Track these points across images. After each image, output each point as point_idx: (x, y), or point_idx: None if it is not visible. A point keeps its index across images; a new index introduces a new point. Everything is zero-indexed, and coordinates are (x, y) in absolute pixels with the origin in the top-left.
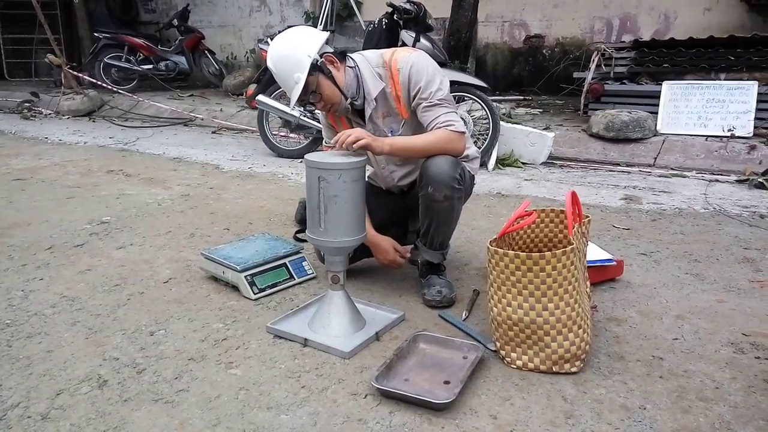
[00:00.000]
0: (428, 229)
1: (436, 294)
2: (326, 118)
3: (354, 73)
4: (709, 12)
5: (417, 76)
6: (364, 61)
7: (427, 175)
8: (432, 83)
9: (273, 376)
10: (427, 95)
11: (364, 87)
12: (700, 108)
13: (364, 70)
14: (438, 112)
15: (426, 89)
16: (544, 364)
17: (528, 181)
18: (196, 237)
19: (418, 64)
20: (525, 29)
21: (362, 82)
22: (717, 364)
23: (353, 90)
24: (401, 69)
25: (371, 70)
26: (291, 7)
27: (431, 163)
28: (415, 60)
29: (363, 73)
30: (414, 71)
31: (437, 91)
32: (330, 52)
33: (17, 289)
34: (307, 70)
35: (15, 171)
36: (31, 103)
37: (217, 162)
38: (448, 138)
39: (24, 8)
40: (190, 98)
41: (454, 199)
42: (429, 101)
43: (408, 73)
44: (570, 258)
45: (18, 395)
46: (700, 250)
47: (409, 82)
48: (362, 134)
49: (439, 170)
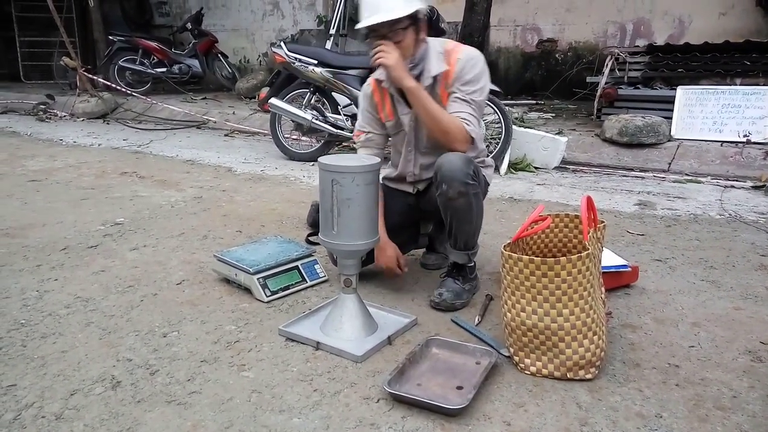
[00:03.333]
0: (451, 229)
1: (437, 296)
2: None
3: (423, 48)
4: (724, 16)
5: (469, 70)
6: (431, 43)
7: (441, 173)
8: (476, 83)
9: (285, 379)
10: (465, 89)
11: (425, 64)
12: (715, 113)
13: (431, 51)
14: (464, 108)
15: (468, 84)
16: (559, 370)
17: (541, 186)
18: (209, 239)
19: (476, 60)
20: (537, 33)
21: (426, 59)
22: (734, 373)
23: (420, 60)
24: (460, 59)
25: (437, 53)
26: (303, 10)
27: (444, 161)
28: (475, 55)
29: (430, 53)
30: (470, 65)
31: (475, 92)
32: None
33: (32, 290)
34: (409, 13)
35: (30, 172)
36: (46, 106)
37: (229, 165)
38: (458, 131)
39: (40, 12)
40: (203, 101)
41: (470, 195)
42: (463, 94)
43: (464, 65)
44: (585, 264)
45: (32, 395)
46: (716, 257)
47: (461, 71)
48: (395, 59)
49: (451, 167)
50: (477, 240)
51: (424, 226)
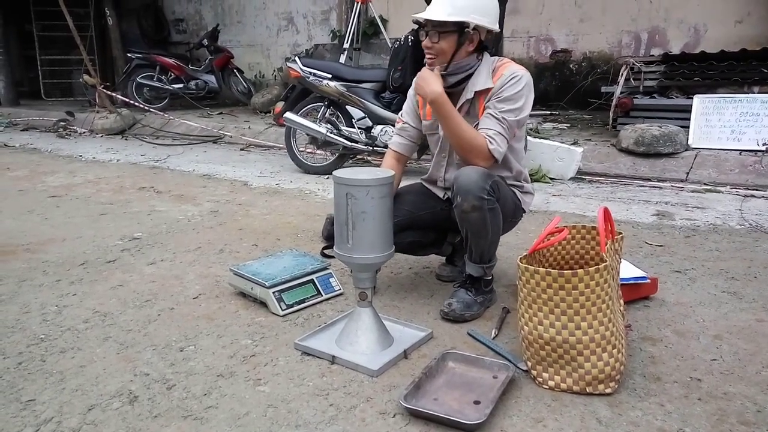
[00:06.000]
0: (466, 241)
1: (446, 306)
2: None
3: (473, 62)
4: (740, 24)
5: (509, 87)
6: (487, 60)
7: (456, 185)
8: (513, 102)
9: (301, 393)
10: (500, 106)
11: (471, 78)
12: (733, 122)
13: (483, 66)
14: (493, 126)
15: (504, 101)
16: (578, 384)
17: (556, 197)
18: (225, 253)
19: (518, 79)
20: (551, 44)
21: (474, 73)
22: (758, 386)
23: (459, 70)
24: (504, 75)
25: (487, 69)
26: (318, 25)
27: (461, 173)
28: (521, 75)
29: (481, 68)
30: (511, 82)
31: (510, 111)
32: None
33: (51, 305)
34: (455, 20)
35: (51, 188)
36: (66, 122)
37: (245, 179)
38: (479, 146)
39: (61, 31)
40: (220, 116)
41: (485, 210)
42: (496, 111)
43: (504, 81)
44: (603, 276)
45: (51, 410)
46: (737, 268)
47: (500, 87)
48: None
49: (467, 180)
50: (494, 254)
51: (452, 236)
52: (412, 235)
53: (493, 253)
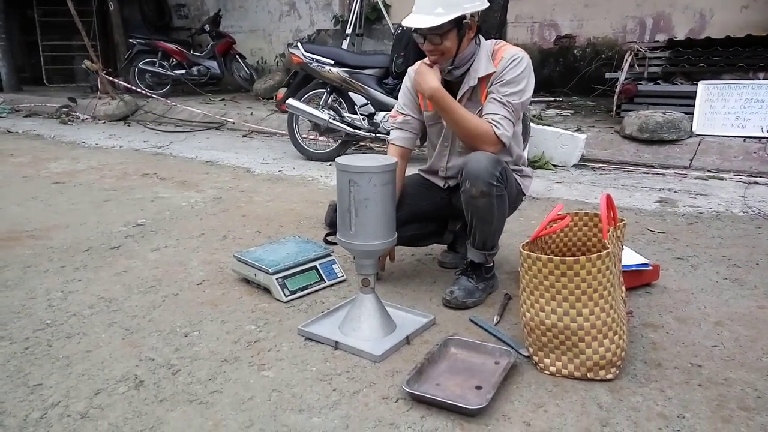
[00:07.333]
0: (471, 227)
1: (448, 294)
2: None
3: (473, 49)
4: (746, 9)
5: (510, 70)
6: (484, 44)
7: (466, 170)
8: (515, 84)
9: (305, 378)
10: (503, 90)
11: (472, 64)
12: (737, 108)
13: (482, 51)
14: (498, 110)
15: (507, 85)
16: (579, 370)
17: (559, 184)
18: (228, 239)
19: (519, 61)
20: (555, 29)
21: (475, 59)
22: (759, 373)
23: (463, 61)
24: (504, 58)
25: (487, 53)
26: (320, 11)
27: (470, 159)
28: (521, 57)
29: (480, 53)
30: (512, 65)
31: (513, 94)
32: (477, 20)
33: (57, 290)
34: (453, 18)
35: (54, 175)
36: (68, 108)
37: (248, 165)
38: (486, 133)
39: (62, 16)
40: (222, 102)
41: (493, 196)
42: (499, 95)
43: (505, 65)
44: (605, 263)
45: (58, 394)
46: (739, 255)
47: (502, 71)
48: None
49: (477, 166)
50: (497, 241)
51: (452, 223)
52: (412, 228)
53: (497, 241)
